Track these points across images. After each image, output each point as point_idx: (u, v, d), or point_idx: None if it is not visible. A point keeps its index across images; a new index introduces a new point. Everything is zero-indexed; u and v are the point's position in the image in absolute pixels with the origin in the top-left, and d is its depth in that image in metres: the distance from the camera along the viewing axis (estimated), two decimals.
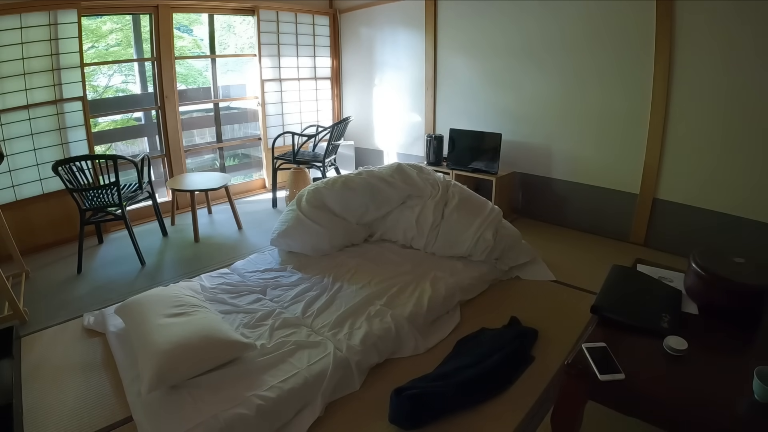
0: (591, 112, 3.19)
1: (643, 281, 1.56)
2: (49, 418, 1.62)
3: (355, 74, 4.93)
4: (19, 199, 3.08)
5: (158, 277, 2.78)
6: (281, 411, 1.55)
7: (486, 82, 3.75)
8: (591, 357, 1.19)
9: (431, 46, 4.04)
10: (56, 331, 2.19)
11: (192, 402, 1.51)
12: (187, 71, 4.42)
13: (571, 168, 3.38)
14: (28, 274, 2.81)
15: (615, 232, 3.24)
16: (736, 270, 1.38)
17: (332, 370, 1.70)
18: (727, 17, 2.50)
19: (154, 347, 1.63)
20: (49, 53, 3.08)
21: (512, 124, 3.63)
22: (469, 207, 2.67)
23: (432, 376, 1.73)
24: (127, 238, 3.08)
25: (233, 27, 4.63)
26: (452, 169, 3.69)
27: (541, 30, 3.30)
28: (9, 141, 2.99)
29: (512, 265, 2.62)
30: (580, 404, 1.22)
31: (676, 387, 1.10)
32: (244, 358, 1.73)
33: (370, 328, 1.93)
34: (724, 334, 1.31)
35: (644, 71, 2.86)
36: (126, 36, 3.82)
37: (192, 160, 4.43)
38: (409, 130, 4.52)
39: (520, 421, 1.58)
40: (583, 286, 2.52)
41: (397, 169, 2.89)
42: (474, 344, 1.92)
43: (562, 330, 2.10)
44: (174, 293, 2.05)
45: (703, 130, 2.73)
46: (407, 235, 2.78)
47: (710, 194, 2.77)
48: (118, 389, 1.75)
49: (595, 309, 1.41)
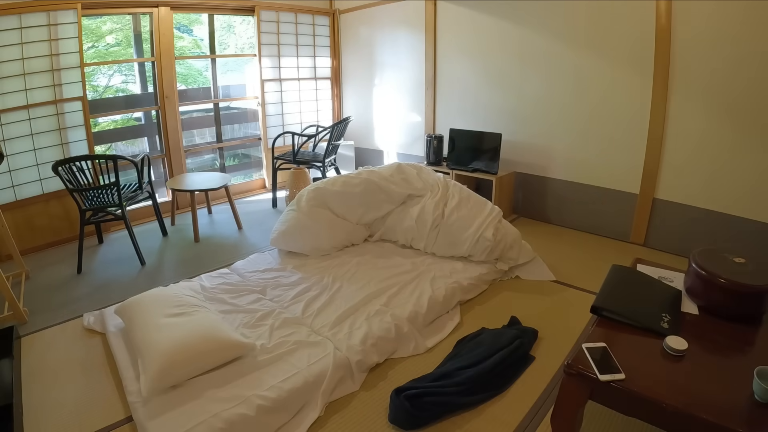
0: (591, 112, 3.19)
1: (643, 281, 1.56)
2: (49, 418, 1.62)
3: (355, 74, 4.93)
4: (19, 199, 3.08)
5: (158, 277, 2.78)
6: (281, 410, 1.55)
7: (486, 82, 3.75)
8: (591, 357, 1.19)
9: (431, 46, 4.04)
10: (56, 331, 2.19)
11: (192, 402, 1.52)
12: (187, 71, 4.42)
13: (571, 168, 3.38)
14: (28, 274, 2.81)
15: (615, 232, 3.24)
16: (736, 270, 1.38)
17: (332, 369, 1.70)
18: (727, 17, 2.50)
19: (154, 347, 1.63)
20: (49, 53, 3.08)
21: (512, 124, 3.63)
22: (468, 207, 2.67)
23: (432, 376, 1.73)
24: (127, 238, 3.08)
25: (233, 27, 4.64)
26: (452, 169, 3.69)
27: (542, 30, 3.30)
28: (9, 141, 2.98)
29: (512, 265, 2.62)
30: (580, 404, 1.21)
31: (676, 387, 1.10)
32: (244, 358, 1.73)
33: (370, 328, 1.93)
34: (724, 334, 1.31)
35: (644, 71, 2.86)
36: (126, 36, 3.82)
37: (192, 160, 4.43)
38: (409, 130, 4.52)
39: (520, 421, 1.58)
40: (583, 286, 2.52)
41: (397, 168, 2.89)
42: (474, 344, 1.92)
43: (562, 330, 2.10)
44: (174, 293, 2.06)
45: (703, 130, 2.73)
46: (407, 236, 2.78)
47: (710, 194, 2.77)
48: (118, 389, 1.75)
49: (595, 309, 1.41)
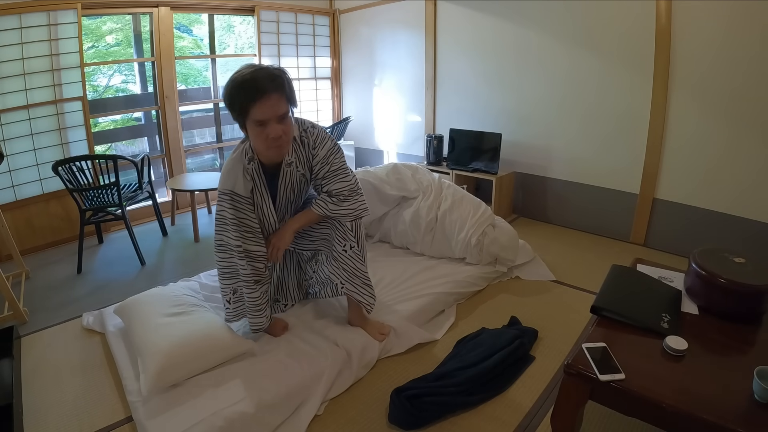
0: (591, 112, 3.19)
1: (643, 281, 1.56)
2: (49, 418, 1.62)
3: (355, 74, 4.93)
4: (19, 199, 3.08)
5: (158, 277, 2.78)
6: (280, 408, 1.55)
7: (486, 82, 3.75)
8: (591, 357, 1.19)
9: (431, 46, 4.04)
10: (56, 331, 2.19)
11: (192, 401, 1.52)
12: (187, 71, 4.43)
13: (571, 168, 3.38)
14: (28, 274, 2.81)
15: (615, 232, 3.24)
16: (736, 270, 1.38)
17: (331, 368, 1.70)
18: (727, 17, 2.50)
19: (154, 347, 1.63)
20: (49, 53, 3.08)
21: (512, 124, 3.63)
22: (460, 209, 2.64)
23: (432, 376, 1.73)
24: (127, 238, 3.08)
25: (233, 27, 4.64)
26: (452, 169, 3.69)
27: (541, 30, 3.30)
28: (9, 141, 2.99)
29: (510, 266, 2.61)
30: (580, 404, 1.21)
31: (676, 387, 1.10)
32: (243, 357, 1.73)
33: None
34: (724, 334, 1.31)
35: (644, 71, 2.86)
36: (126, 36, 3.82)
37: (192, 160, 4.43)
38: (409, 130, 4.52)
39: (520, 421, 1.58)
40: (583, 286, 2.52)
41: (393, 169, 2.88)
42: (474, 344, 1.92)
43: (562, 330, 2.10)
44: (173, 293, 2.06)
45: (703, 129, 2.73)
46: (402, 239, 2.78)
47: (710, 194, 2.77)
48: (118, 389, 1.75)
49: (595, 309, 1.41)
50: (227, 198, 1.64)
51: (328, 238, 1.86)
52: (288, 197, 1.79)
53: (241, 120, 1.55)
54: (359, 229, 1.78)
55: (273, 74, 1.49)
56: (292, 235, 1.76)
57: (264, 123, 1.50)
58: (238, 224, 1.65)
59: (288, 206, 1.83)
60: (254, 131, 1.53)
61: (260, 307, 1.76)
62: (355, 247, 1.78)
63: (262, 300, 1.75)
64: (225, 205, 1.65)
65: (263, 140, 1.53)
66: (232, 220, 1.64)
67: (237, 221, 1.65)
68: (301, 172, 1.75)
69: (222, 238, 1.70)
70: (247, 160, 1.65)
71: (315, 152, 1.71)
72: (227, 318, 1.82)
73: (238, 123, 1.58)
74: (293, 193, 1.79)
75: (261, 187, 1.70)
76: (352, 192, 1.73)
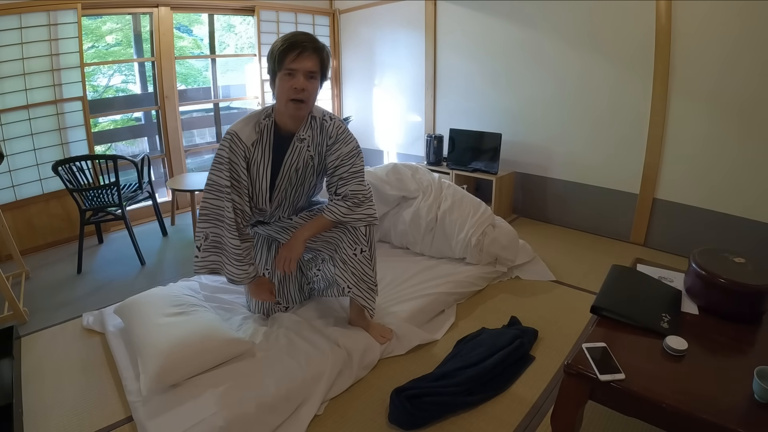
0: (591, 112, 3.19)
1: (643, 281, 1.56)
2: (49, 418, 1.62)
3: (355, 74, 4.93)
4: (19, 199, 3.08)
5: (158, 277, 2.78)
6: (280, 408, 1.55)
7: (486, 82, 3.75)
8: (591, 357, 1.19)
9: (431, 46, 4.04)
10: (56, 331, 2.19)
11: (192, 401, 1.51)
12: (187, 71, 4.43)
13: (571, 168, 3.38)
14: (28, 274, 2.81)
15: (615, 232, 3.24)
16: (736, 270, 1.38)
17: (331, 368, 1.70)
18: (727, 17, 2.50)
19: (154, 347, 1.63)
20: (49, 53, 3.08)
21: (512, 124, 3.63)
22: (460, 209, 2.64)
23: (432, 376, 1.73)
24: (127, 238, 3.08)
25: (233, 27, 4.64)
26: (452, 169, 3.69)
27: (541, 30, 3.30)
28: (9, 141, 2.99)
29: (510, 266, 2.61)
30: (580, 404, 1.21)
31: (676, 387, 1.10)
32: (243, 357, 1.73)
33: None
34: (724, 334, 1.31)
35: (644, 71, 2.86)
36: (126, 36, 3.82)
37: (192, 160, 4.43)
38: (409, 130, 4.52)
39: (520, 421, 1.58)
40: (583, 286, 2.52)
41: (393, 169, 2.88)
42: (474, 344, 1.92)
43: (562, 330, 2.10)
44: (173, 293, 2.06)
45: (703, 129, 2.73)
46: (403, 239, 2.77)
47: (710, 194, 2.77)
48: (118, 389, 1.75)
49: (595, 309, 1.41)
50: (229, 138, 1.69)
51: (331, 241, 1.87)
52: (290, 177, 1.77)
53: (275, 71, 1.61)
54: (372, 234, 1.78)
55: (316, 40, 1.61)
56: (303, 245, 1.75)
57: (293, 73, 1.57)
58: (231, 168, 1.68)
59: (287, 190, 1.81)
60: (282, 81, 1.60)
61: (241, 258, 1.71)
62: (366, 251, 1.77)
63: (244, 252, 1.71)
64: (225, 144, 1.69)
65: (287, 90, 1.59)
66: (227, 160, 1.68)
67: (230, 164, 1.68)
68: (311, 154, 1.75)
69: (214, 178, 1.71)
70: (264, 116, 1.71)
71: (335, 146, 1.73)
72: (195, 269, 1.77)
73: (270, 78, 1.66)
74: (296, 174, 1.77)
75: (265, 146, 1.72)
76: (366, 198, 1.74)
